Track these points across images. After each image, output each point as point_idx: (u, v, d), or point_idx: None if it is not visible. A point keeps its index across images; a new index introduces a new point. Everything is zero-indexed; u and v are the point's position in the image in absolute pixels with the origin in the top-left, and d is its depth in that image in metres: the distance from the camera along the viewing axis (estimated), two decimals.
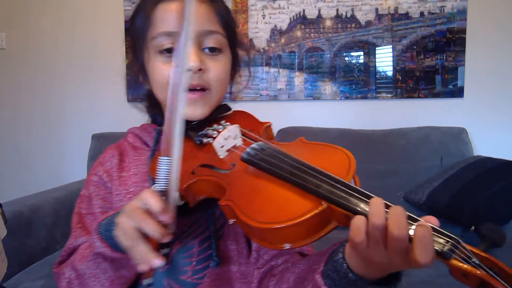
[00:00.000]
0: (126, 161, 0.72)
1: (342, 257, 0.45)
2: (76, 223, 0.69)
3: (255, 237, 0.49)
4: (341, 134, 1.91)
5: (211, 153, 0.60)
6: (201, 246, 0.63)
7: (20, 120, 2.35)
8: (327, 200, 0.44)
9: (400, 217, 0.39)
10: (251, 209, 0.47)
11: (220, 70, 0.67)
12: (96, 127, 2.12)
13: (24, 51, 2.31)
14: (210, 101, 0.68)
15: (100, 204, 0.69)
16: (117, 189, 0.69)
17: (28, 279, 1.31)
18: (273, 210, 0.47)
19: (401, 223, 0.39)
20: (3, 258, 0.64)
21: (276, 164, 0.50)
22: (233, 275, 0.65)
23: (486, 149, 2.00)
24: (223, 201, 0.50)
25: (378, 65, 2.11)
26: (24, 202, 1.54)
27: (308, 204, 0.45)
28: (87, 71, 2.27)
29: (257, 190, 0.51)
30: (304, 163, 0.49)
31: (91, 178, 0.72)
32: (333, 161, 0.51)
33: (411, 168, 1.82)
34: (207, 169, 0.58)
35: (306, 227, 0.45)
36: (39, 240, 1.50)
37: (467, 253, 0.38)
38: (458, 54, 2.06)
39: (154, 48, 0.65)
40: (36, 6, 2.28)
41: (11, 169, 2.38)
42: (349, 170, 0.49)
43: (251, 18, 2.15)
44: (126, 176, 0.70)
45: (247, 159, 0.54)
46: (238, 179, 0.54)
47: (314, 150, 0.57)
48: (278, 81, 2.17)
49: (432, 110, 2.10)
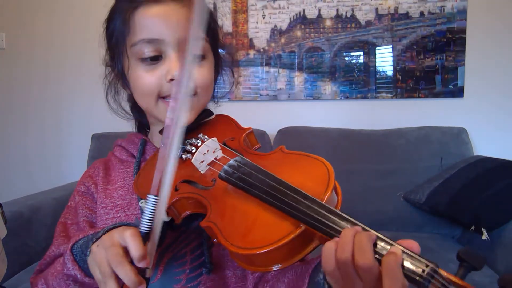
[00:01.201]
0: (112, 174, 0.71)
1: (323, 278, 0.45)
2: (60, 232, 0.67)
3: (238, 260, 0.48)
4: (341, 134, 1.90)
5: (192, 168, 0.59)
6: (194, 254, 0.63)
7: (20, 120, 2.35)
8: (305, 223, 0.44)
9: (364, 245, 0.38)
10: (231, 232, 0.47)
11: (205, 76, 0.66)
12: (96, 127, 2.11)
13: (24, 51, 2.31)
14: (195, 107, 0.67)
15: (85, 213, 0.68)
16: (102, 201, 0.68)
17: (28, 279, 1.31)
18: (254, 233, 0.46)
19: (365, 252, 0.37)
20: (3, 258, 0.64)
21: (253, 184, 0.49)
22: (229, 280, 0.64)
23: (486, 149, 2.00)
24: (205, 223, 0.50)
25: (378, 65, 2.11)
26: (24, 202, 1.54)
27: (287, 227, 0.44)
28: (87, 71, 2.26)
29: (237, 212, 0.50)
30: (282, 182, 0.48)
31: (78, 188, 0.72)
32: (313, 175, 0.51)
33: (411, 168, 1.82)
34: (189, 186, 0.57)
35: (288, 249, 0.44)
36: (39, 240, 1.50)
37: (445, 282, 0.36)
38: (458, 54, 2.06)
39: (135, 55, 0.63)
40: (36, 6, 2.28)
41: (11, 169, 2.38)
42: (328, 184, 0.48)
43: (251, 18, 2.15)
44: (111, 189, 0.69)
45: (225, 178, 0.53)
46: (219, 197, 0.53)
47: (293, 163, 0.56)
48: (278, 81, 2.17)
49: (432, 110, 2.10)
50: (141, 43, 0.61)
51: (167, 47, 0.61)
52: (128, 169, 0.71)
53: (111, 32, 0.66)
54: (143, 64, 0.63)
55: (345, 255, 0.38)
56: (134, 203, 0.67)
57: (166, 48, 0.62)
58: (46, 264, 0.64)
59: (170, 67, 0.62)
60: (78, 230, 0.67)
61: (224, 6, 2.15)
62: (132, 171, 0.70)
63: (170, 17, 0.61)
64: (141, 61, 0.62)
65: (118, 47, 0.65)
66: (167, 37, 0.61)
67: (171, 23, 0.61)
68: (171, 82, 0.62)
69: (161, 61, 0.63)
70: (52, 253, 0.64)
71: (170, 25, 0.61)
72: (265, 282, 0.62)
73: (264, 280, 0.63)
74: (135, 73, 0.64)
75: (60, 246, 0.64)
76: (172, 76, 0.61)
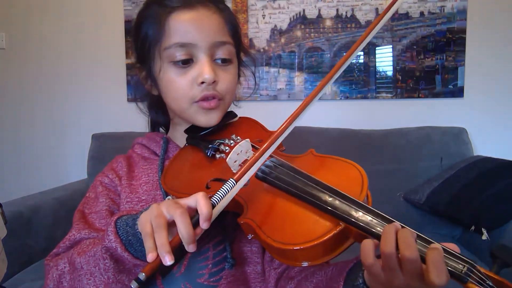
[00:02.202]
0: (135, 170, 0.73)
1: (362, 282, 0.47)
2: (79, 218, 0.67)
3: (273, 253, 0.50)
4: (341, 134, 1.90)
5: (224, 166, 0.61)
6: (216, 249, 0.64)
7: (20, 120, 2.35)
8: (345, 221, 0.45)
9: (408, 239, 0.40)
10: (271, 228, 0.49)
11: (230, 80, 0.69)
12: (96, 127, 2.11)
13: (24, 51, 2.31)
14: (223, 109, 0.70)
15: (108, 203, 0.69)
16: (127, 196, 0.69)
17: (28, 279, 1.31)
18: (293, 230, 0.48)
19: (411, 245, 0.40)
20: (3, 258, 0.63)
21: (291, 183, 0.51)
22: (248, 276, 0.66)
23: (486, 149, 2.00)
24: (243, 219, 0.51)
25: (378, 65, 2.11)
26: (24, 202, 1.54)
27: (326, 225, 0.46)
28: (87, 71, 2.26)
29: (275, 209, 0.52)
30: (319, 182, 0.50)
31: (101, 179, 0.72)
32: (346, 178, 0.53)
33: (411, 168, 1.82)
34: (221, 184, 0.58)
35: (326, 246, 0.46)
36: (39, 240, 1.50)
37: (482, 277, 0.39)
38: (458, 54, 2.06)
39: (167, 58, 0.65)
40: (36, 6, 2.28)
41: (11, 169, 2.38)
42: (363, 187, 0.51)
43: (251, 18, 2.15)
44: (136, 184, 0.70)
45: (263, 177, 0.55)
46: (255, 195, 0.55)
47: (326, 165, 0.58)
48: (278, 81, 2.17)
49: (432, 110, 2.10)
50: (174, 47, 0.64)
51: (199, 51, 0.65)
52: (152, 166, 0.72)
53: (143, 36, 0.68)
54: (175, 67, 0.65)
55: (389, 249, 0.40)
56: (159, 199, 0.68)
57: (198, 52, 0.65)
58: (66, 247, 0.64)
59: (201, 70, 0.64)
60: (98, 218, 0.67)
61: None
62: (156, 168, 0.71)
63: (202, 23, 0.65)
64: (173, 64, 0.65)
65: (150, 50, 0.68)
66: (199, 41, 0.64)
67: (203, 28, 0.64)
68: (202, 85, 0.65)
69: (192, 65, 0.65)
70: (72, 236, 0.64)
71: (202, 30, 0.64)
72: (289, 279, 0.63)
73: (288, 276, 0.64)
74: (167, 76, 0.66)
75: (81, 231, 0.64)
76: (203, 79, 0.64)
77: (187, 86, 0.65)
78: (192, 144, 0.70)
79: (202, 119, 0.68)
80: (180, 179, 0.64)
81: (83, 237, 0.63)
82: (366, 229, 0.44)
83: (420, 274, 0.40)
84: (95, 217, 0.67)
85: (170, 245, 0.44)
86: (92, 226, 0.66)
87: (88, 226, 0.66)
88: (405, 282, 0.41)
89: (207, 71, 0.63)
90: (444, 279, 0.38)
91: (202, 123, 0.68)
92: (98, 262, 0.54)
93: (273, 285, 0.65)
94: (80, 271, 0.55)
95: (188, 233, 0.45)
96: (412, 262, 0.39)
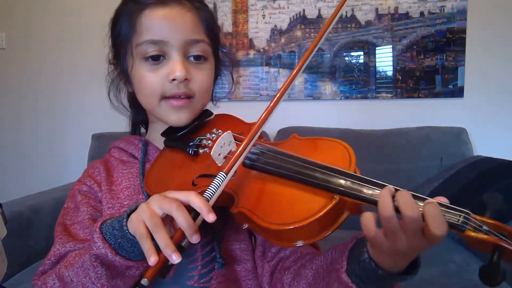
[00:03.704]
0: (114, 175, 0.71)
1: (368, 256, 0.47)
2: (62, 231, 0.65)
3: (271, 238, 0.50)
4: (341, 134, 1.90)
5: (208, 162, 0.60)
6: (204, 250, 0.64)
7: (20, 120, 2.35)
8: (339, 193, 0.46)
9: (408, 199, 0.41)
10: (266, 213, 0.48)
11: (204, 79, 0.67)
12: (96, 127, 2.11)
13: (24, 51, 2.31)
14: (194, 108, 0.68)
15: (89, 211, 0.67)
16: (109, 202, 0.67)
17: (28, 279, 1.31)
18: (289, 210, 0.48)
19: (411, 205, 0.41)
20: (3, 258, 0.63)
21: (281, 166, 0.51)
22: (239, 274, 0.65)
23: (486, 149, 2.00)
24: (236, 209, 0.51)
25: (378, 65, 2.11)
26: (24, 202, 1.54)
27: (321, 200, 0.46)
28: (87, 71, 2.26)
29: (267, 193, 0.52)
30: (307, 160, 0.50)
31: (78, 188, 0.71)
32: (333, 154, 0.53)
33: (411, 168, 1.82)
34: (207, 179, 0.58)
35: (323, 222, 0.46)
36: (39, 240, 1.50)
37: (478, 223, 0.41)
38: (458, 54, 2.06)
39: (139, 54, 0.64)
40: (36, 6, 2.28)
41: (11, 169, 2.38)
42: (351, 161, 0.50)
43: (251, 18, 2.15)
44: (117, 190, 0.69)
45: (251, 164, 0.54)
46: (244, 184, 0.54)
47: (311, 146, 0.58)
48: (278, 81, 2.17)
49: (432, 110, 2.10)
50: (146, 43, 0.63)
51: (171, 48, 0.64)
52: (132, 170, 0.71)
53: (117, 32, 0.68)
54: (147, 63, 0.64)
55: (388, 212, 0.41)
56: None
57: (170, 50, 0.64)
58: (52, 264, 0.62)
59: (172, 68, 0.63)
60: (82, 228, 0.65)
61: (224, 6, 2.15)
62: (136, 172, 0.70)
63: (175, 20, 0.64)
64: (145, 60, 0.64)
65: (123, 46, 0.67)
66: (171, 39, 0.63)
67: (175, 25, 0.63)
68: (173, 82, 0.64)
69: (164, 62, 0.65)
70: (57, 252, 0.62)
71: (175, 27, 0.63)
72: (285, 270, 0.62)
73: (283, 267, 0.63)
74: (139, 72, 0.65)
75: (65, 244, 0.62)
76: (174, 77, 0.63)
77: (158, 82, 0.64)
78: (171, 147, 0.69)
79: (172, 117, 0.67)
80: (164, 182, 0.63)
81: (68, 250, 0.61)
82: (361, 197, 0.44)
83: (420, 231, 0.41)
84: (78, 228, 0.65)
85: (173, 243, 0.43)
86: (76, 238, 0.64)
87: (72, 238, 0.63)
88: (408, 242, 0.42)
89: (178, 69, 0.63)
90: (444, 229, 0.40)
91: (172, 121, 0.67)
92: (88, 272, 0.52)
93: (268, 279, 0.64)
94: (71, 284, 0.53)
95: (189, 224, 0.44)
96: (414, 220, 0.40)
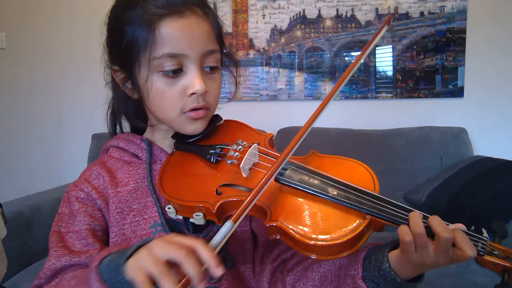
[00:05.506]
0: (118, 176, 0.69)
1: (388, 266, 0.51)
2: (57, 242, 0.63)
3: (303, 250, 0.52)
4: (341, 134, 1.90)
5: (229, 170, 0.60)
6: None
7: (20, 120, 2.35)
8: (371, 214, 0.50)
9: (442, 223, 0.48)
10: (302, 228, 0.50)
11: (217, 88, 0.68)
12: (96, 127, 2.11)
13: (24, 51, 2.31)
14: (209, 117, 0.69)
15: (87, 221, 0.65)
16: (117, 206, 0.65)
17: (28, 279, 1.31)
18: (324, 227, 0.50)
19: (446, 227, 0.48)
20: (3, 258, 0.63)
21: (316, 185, 0.54)
22: (242, 274, 0.67)
23: (486, 149, 2.00)
24: (269, 222, 0.52)
25: (378, 65, 2.11)
26: (24, 202, 1.54)
27: (355, 219, 0.50)
28: (86, 71, 2.26)
29: (300, 209, 0.53)
30: (338, 181, 0.53)
31: (75, 194, 0.67)
32: (356, 175, 0.56)
33: (411, 168, 1.82)
34: (232, 189, 0.57)
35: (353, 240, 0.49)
36: (39, 240, 1.50)
37: (492, 248, 0.49)
38: (458, 54, 2.06)
39: (156, 67, 0.61)
40: (37, 6, 2.28)
41: (11, 169, 2.38)
42: (374, 182, 0.55)
43: (251, 18, 2.15)
44: (123, 191, 0.67)
45: (285, 180, 0.55)
46: (277, 198, 0.55)
47: (334, 165, 0.60)
48: (278, 81, 2.17)
49: (432, 110, 2.10)
50: (165, 57, 0.61)
51: (189, 61, 0.62)
52: (138, 171, 0.69)
53: (129, 39, 0.62)
54: (164, 77, 0.62)
55: (420, 229, 0.47)
56: (150, 206, 0.66)
57: (188, 62, 0.62)
58: (47, 278, 0.60)
59: (191, 82, 0.62)
60: (78, 239, 0.63)
61: (224, 6, 2.15)
62: (143, 173, 0.68)
63: (193, 32, 0.62)
64: (163, 74, 0.62)
65: (133, 55, 0.63)
66: (190, 52, 0.61)
67: (193, 38, 0.62)
68: (192, 96, 0.63)
69: (181, 74, 0.63)
70: (53, 266, 0.60)
71: (193, 40, 0.62)
72: (287, 271, 0.63)
73: (286, 269, 0.63)
74: (156, 87, 0.63)
75: (61, 258, 0.61)
76: (194, 91, 0.62)
77: (177, 97, 0.63)
78: (184, 150, 0.68)
79: (190, 128, 0.66)
80: (183, 187, 0.62)
81: (64, 265, 0.60)
82: (391, 219, 0.50)
83: (448, 251, 0.47)
84: (74, 237, 0.63)
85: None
86: (72, 250, 0.62)
87: (68, 251, 0.62)
88: (434, 258, 0.48)
89: (198, 83, 0.62)
90: (475, 250, 0.47)
91: (189, 131, 0.66)
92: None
93: (269, 279, 0.65)
94: None
95: (199, 274, 0.42)
96: (448, 240, 0.46)
